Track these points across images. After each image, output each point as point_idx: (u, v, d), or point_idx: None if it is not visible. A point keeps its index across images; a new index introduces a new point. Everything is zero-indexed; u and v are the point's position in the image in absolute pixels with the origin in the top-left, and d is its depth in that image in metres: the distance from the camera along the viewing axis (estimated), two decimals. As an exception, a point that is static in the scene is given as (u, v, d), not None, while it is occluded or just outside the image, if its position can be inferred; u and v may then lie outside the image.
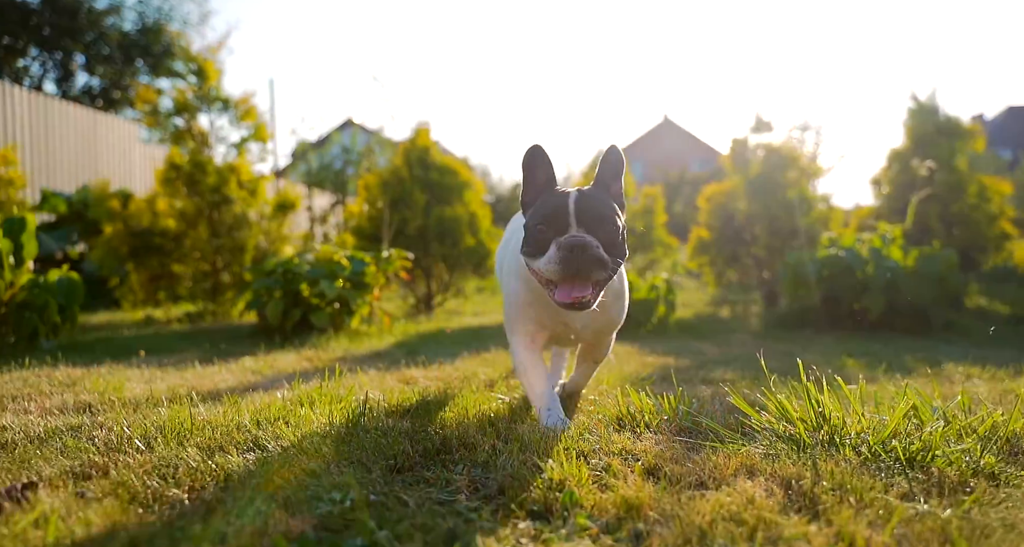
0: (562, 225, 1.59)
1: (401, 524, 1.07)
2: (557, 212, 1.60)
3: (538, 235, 1.62)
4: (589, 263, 1.54)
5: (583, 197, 1.63)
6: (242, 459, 1.43)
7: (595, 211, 1.60)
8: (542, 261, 1.59)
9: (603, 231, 1.60)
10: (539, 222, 1.62)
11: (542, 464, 1.35)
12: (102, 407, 2.04)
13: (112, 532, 1.03)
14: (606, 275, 1.58)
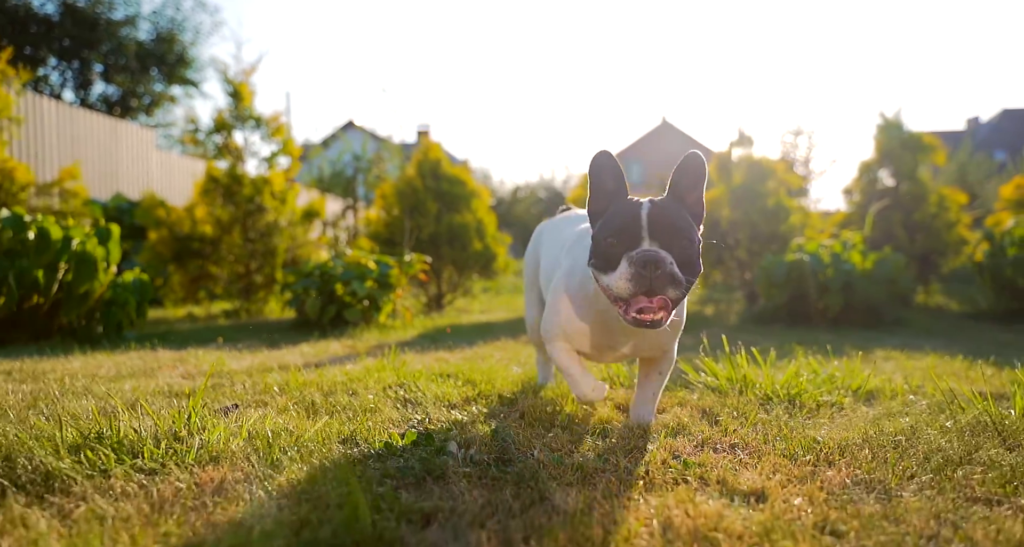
0: (634, 239, 1.51)
1: (470, 433, 1.81)
2: (629, 224, 1.52)
3: (608, 248, 1.54)
4: (662, 281, 1.46)
5: (657, 208, 1.55)
6: (348, 399, 2.16)
7: (670, 224, 1.52)
8: (612, 277, 1.52)
9: (677, 246, 1.52)
10: (609, 235, 1.55)
11: (547, 401, 2.09)
12: (221, 374, 2.78)
13: (286, 429, 1.76)
14: (679, 294, 1.50)
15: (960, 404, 2.05)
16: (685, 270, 1.51)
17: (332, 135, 36.43)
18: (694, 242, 1.55)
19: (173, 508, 1.18)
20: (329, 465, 1.42)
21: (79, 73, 19.10)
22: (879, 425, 1.81)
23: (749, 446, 1.64)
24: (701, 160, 1.62)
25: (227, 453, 1.49)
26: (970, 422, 1.82)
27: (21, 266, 4.03)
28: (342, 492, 1.24)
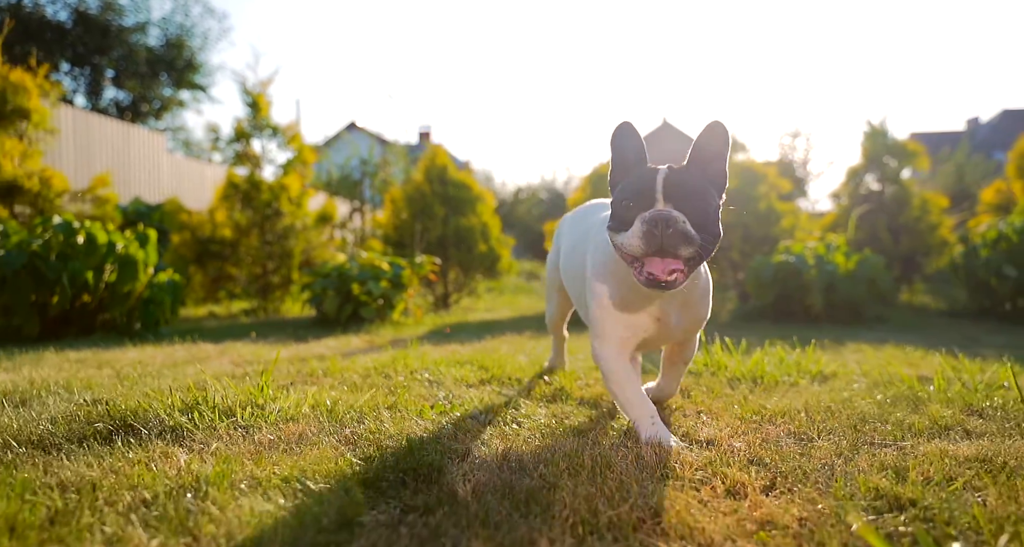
0: (649, 201, 1.54)
1: (487, 404, 2.22)
2: (644, 187, 1.55)
3: (624, 211, 1.57)
4: (675, 238, 1.48)
5: (673, 173, 1.57)
6: (383, 379, 2.57)
7: (685, 186, 1.54)
8: (625, 236, 1.55)
9: (691, 206, 1.52)
10: (626, 197, 1.57)
11: (551, 380, 2.50)
12: (267, 361, 3.18)
13: (341, 399, 2.17)
14: (694, 251, 1.51)
15: (895, 383, 2.46)
16: (700, 230, 1.51)
17: (335, 136, 36.88)
18: (710, 204, 1.55)
19: (272, 450, 1.59)
20: (383, 422, 1.84)
21: (91, 78, 19.55)
22: (820, 397, 2.22)
23: (712, 412, 2.05)
24: (724, 129, 1.60)
25: (300, 415, 1.90)
26: (895, 395, 2.23)
27: (74, 268, 4.45)
28: (398, 438, 1.65)
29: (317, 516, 1.16)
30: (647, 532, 1.13)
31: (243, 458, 1.49)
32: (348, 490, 1.29)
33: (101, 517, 1.14)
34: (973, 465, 1.46)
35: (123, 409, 1.84)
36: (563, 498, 1.24)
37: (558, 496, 1.26)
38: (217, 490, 1.27)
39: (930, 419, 1.89)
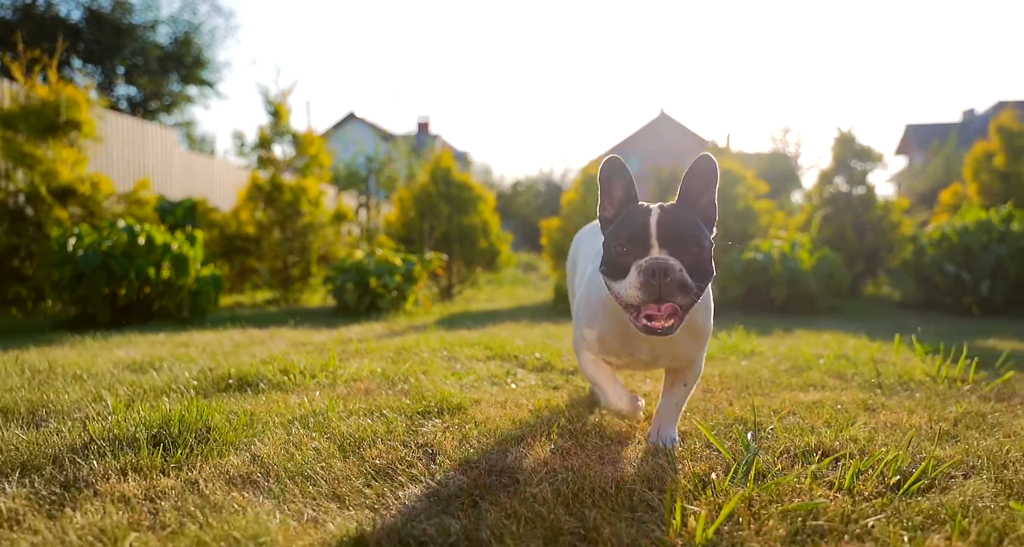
0: (643, 246, 1.53)
1: (492, 371, 3.03)
2: (638, 232, 1.54)
3: (618, 257, 1.57)
4: (672, 289, 1.48)
5: (666, 215, 1.56)
6: (412, 355, 3.37)
7: (679, 230, 1.54)
8: (622, 285, 1.55)
9: (687, 253, 1.53)
10: (619, 243, 1.57)
11: (537, 354, 3.31)
12: (313, 343, 3.98)
13: (386, 368, 2.96)
14: (690, 300, 1.52)
15: (798, 358, 3.27)
16: (696, 276, 1.52)
17: (334, 126, 37.46)
18: (704, 247, 1.55)
19: (351, 397, 2.39)
20: (422, 381, 2.64)
21: (103, 76, 20.24)
22: (736, 368, 3.03)
23: (655, 377, 2.86)
24: (712, 163, 1.61)
25: (361, 377, 2.71)
26: (790, 366, 3.05)
27: (138, 265, 5.24)
28: (434, 391, 2.46)
29: (394, 427, 1.96)
30: (584, 435, 1.94)
31: (337, 400, 2.30)
32: (410, 416, 2.10)
33: (272, 427, 1.95)
34: (808, 406, 2.27)
35: (242, 372, 2.65)
36: (539, 420, 2.05)
37: (537, 418, 2.07)
38: (332, 414, 2.08)
39: (803, 380, 2.70)
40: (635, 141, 44.86)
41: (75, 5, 18.98)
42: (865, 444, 1.78)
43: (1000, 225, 6.85)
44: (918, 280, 7.45)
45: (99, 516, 1.28)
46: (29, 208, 6.65)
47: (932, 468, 1.57)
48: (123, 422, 1.90)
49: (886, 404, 2.30)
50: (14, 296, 6.45)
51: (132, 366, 3.00)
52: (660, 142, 44.17)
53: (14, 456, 1.62)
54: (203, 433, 1.82)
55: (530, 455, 1.72)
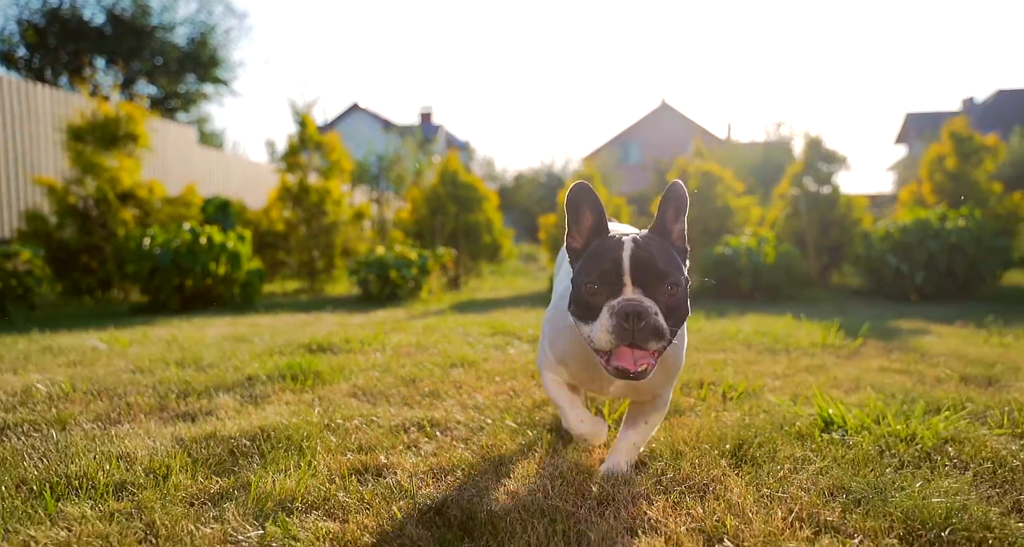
0: (615, 285, 1.41)
1: (498, 342, 4.11)
2: (609, 269, 1.42)
3: (588, 296, 1.44)
4: (645, 334, 1.37)
5: (640, 250, 1.44)
6: (436, 331, 4.45)
7: (654, 267, 1.42)
8: (593, 328, 1.42)
9: (662, 292, 1.41)
10: (589, 280, 1.44)
11: (530, 330, 4.40)
12: (352, 324, 5.05)
13: (420, 340, 4.04)
14: (663, 345, 1.40)
15: (724, 333, 4.34)
16: (671, 318, 1.43)
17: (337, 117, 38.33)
18: (680, 285, 1.45)
19: (398, 356, 3.46)
20: (448, 348, 3.72)
21: (125, 76, 21.25)
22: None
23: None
24: (682, 190, 1.55)
25: (403, 346, 3.79)
26: (719, 338, 4.11)
27: (202, 261, 6.32)
28: (456, 353, 3.53)
29: (433, 371, 3.04)
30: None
31: (391, 357, 3.38)
32: (442, 367, 3.18)
33: (355, 372, 3.02)
34: (711, 362, 3.34)
35: (318, 340, 3.73)
36: (527, 371, 3.13)
37: (525, 370, 3.15)
38: (392, 365, 3.16)
39: (724, 348, 3.79)
40: (636, 131, 45.18)
41: (98, 9, 20.00)
42: (729, 379, 2.85)
43: (936, 224, 7.89)
44: (867, 271, 8.51)
45: (283, 408, 2.37)
46: (95, 210, 7.72)
47: (753, 387, 2.66)
48: (260, 368, 2.98)
49: (762, 360, 3.38)
50: (87, 286, 7.55)
51: (232, 338, 4.09)
52: (661, 132, 44.29)
53: (215, 383, 2.71)
54: (315, 374, 2.90)
55: (520, 389, 2.80)
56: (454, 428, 2.15)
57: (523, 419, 2.25)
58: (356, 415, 2.26)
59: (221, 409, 2.35)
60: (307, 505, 1.51)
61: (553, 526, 1.39)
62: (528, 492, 1.59)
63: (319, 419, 2.19)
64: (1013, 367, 3.10)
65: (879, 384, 2.72)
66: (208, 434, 2.01)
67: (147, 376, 2.86)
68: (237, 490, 1.59)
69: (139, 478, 1.65)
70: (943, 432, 1.97)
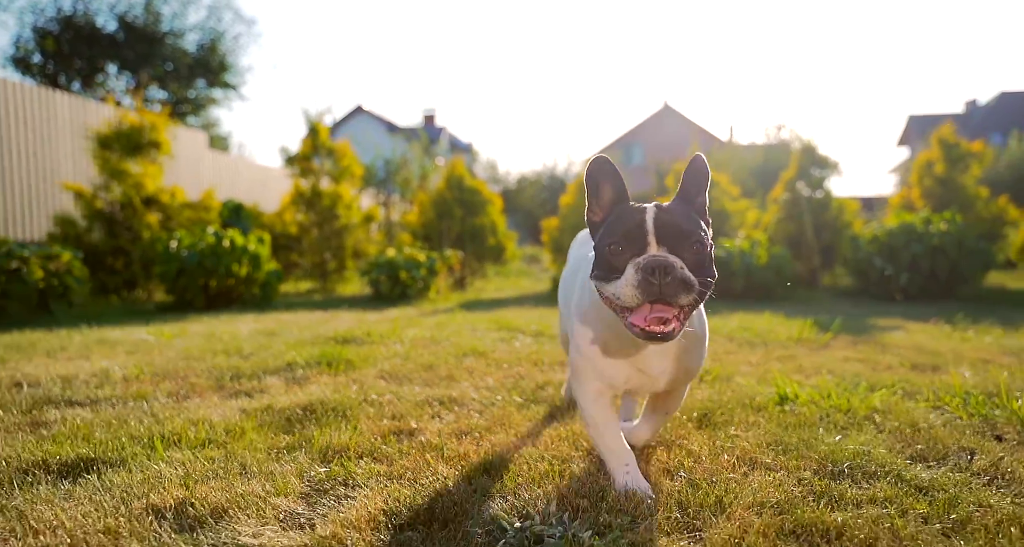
0: (640, 244, 1.41)
1: (504, 335, 4.52)
2: (633, 229, 1.43)
3: (611, 256, 1.44)
4: (674, 287, 1.34)
5: (663, 212, 1.45)
6: (448, 328, 4.86)
7: (678, 227, 1.42)
8: (617, 285, 1.40)
9: (688, 250, 1.41)
10: (612, 241, 1.44)
11: (534, 326, 4.81)
12: (370, 321, 5.46)
13: (434, 333, 4.45)
14: (693, 299, 1.38)
15: (721, 330, 4.74)
16: (697, 274, 1.40)
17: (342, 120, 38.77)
18: (706, 245, 1.45)
19: (416, 347, 3.88)
20: (460, 340, 4.14)
21: (136, 82, 21.74)
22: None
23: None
24: (704, 164, 1.56)
25: (419, 338, 4.20)
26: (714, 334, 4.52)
27: (225, 263, 6.75)
28: (468, 345, 3.95)
29: (448, 360, 3.45)
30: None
31: (410, 348, 3.79)
32: (455, 356, 3.59)
33: (380, 360, 3.44)
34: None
35: (342, 334, 4.15)
36: (530, 359, 3.55)
37: (528, 358, 3.56)
38: (411, 354, 3.57)
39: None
40: (639, 133, 45.31)
41: (111, 16, 20.51)
42: (706, 365, 3.26)
43: (920, 227, 8.29)
44: (856, 272, 8.91)
45: (324, 387, 2.78)
46: (120, 214, 8.16)
47: (727, 372, 3.06)
48: (297, 356, 3.39)
49: (741, 351, 3.78)
50: (113, 286, 7.98)
51: (263, 332, 4.51)
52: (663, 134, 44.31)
53: (260, 368, 3.13)
54: (346, 361, 3.32)
55: (525, 374, 3.21)
56: (469, 403, 2.56)
57: (528, 396, 2.66)
58: (386, 392, 2.68)
59: (271, 388, 2.77)
60: (359, 454, 1.92)
61: (551, 465, 1.80)
62: (532, 445, 2.00)
63: (356, 395, 2.61)
64: (959, 357, 3.50)
65: (837, 370, 3.13)
66: (265, 406, 2.43)
67: (199, 362, 3.28)
68: (302, 444, 2.01)
69: (221, 436, 2.07)
70: (876, 405, 2.38)
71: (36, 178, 9.22)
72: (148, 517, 1.45)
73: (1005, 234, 10.57)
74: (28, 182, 8.97)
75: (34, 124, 9.21)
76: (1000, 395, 2.46)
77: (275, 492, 1.61)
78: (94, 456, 1.84)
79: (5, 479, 1.68)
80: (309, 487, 1.67)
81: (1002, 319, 5.71)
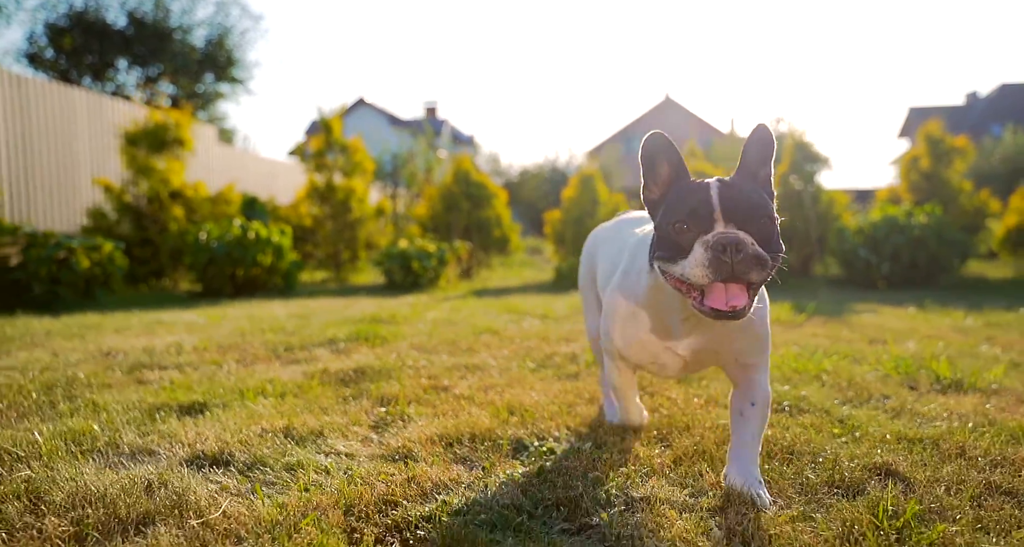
0: (706, 222, 1.37)
1: (513, 317, 5.04)
2: (699, 207, 1.38)
3: (677, 235, 1.40)
4: (745, 265, 1.32)
5: (728, 187, 1.41)
6: (461, 312, 5.37)
7: (745, 202, 1.38)
8: (686, 265, 1.37)
9: (756, 225, 1.37)
10: (677, 219, 1.40)
11: (539, 310, 5.32)
12: (391, 306, 5.97)
13: (452, 314, 4.96)
14: (764, 277, 1.36)
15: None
16: (768, 249, 1.36)
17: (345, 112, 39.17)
18: (773, 219, 1.41)
19: (437, 327, 4.38)
20: (475, 321, 4.65)
21: (146, 77, 22.20)
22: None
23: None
24: (769, 133, 1.48)
25: (437, 319, 4.71)
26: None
27: (251, 253, 7.25)
28: (483, 325, 4.46)
29: (467, 336, 3.97)
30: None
31: (432, 327, 4.30)
32: (472, 334, 4.10)
33: (408, 336, 3.95)
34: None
35: (369, 315, 4.66)
36: (541, 338, 4.06)
37: (538, 336, 4.07)
38: (433, 332, 4.08)
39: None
40: (640, 125, 45.51)
41: (121, 12, 20.92)
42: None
43: (903, 220, 8.78)
44: (842, 262, 9.41)
45: (366, 356, 3.29)
46: (147, 208, 8.65)
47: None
48: (336, 332, 3.90)
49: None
50: (143, 275, 8.49)
51: (296, 315, 5.02)
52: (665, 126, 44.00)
53: (307, 342, 3.64)
54: (380, 337, 3.83)
55: (534, 347, 3.72)
56: (489, 368, 3.07)
57: (538, 363, 3.17)
58: (420, 360, 3.19)
59: (320, 357, 3.28)
60: (408, 401, 2.43)
61: (559, 408, 2.32)
62: (543, 396, 2.51)
63: (395, 362, 3.12)
64: (912, 333, 4.01)
65: (803, 343, 3.64)
66: (322, 370, 2.94)
67: (253, 337, 3.79)
68: (361, 394, 2.52)
69: (294, 389, 2.58)
70: (826, 368, 2.89)
71: (60, 173, 9.71)
72: (266, 435, 1.96)
73: (987, 226, 11.06)
74: (55, 177, 9.45)
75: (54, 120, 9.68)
76: (927, 359, 2.98)
77: (351, 423, 2.12)
78: (204, 401, 2.35)
79: (145, 414, 2.19)
80: (375, 421, 2.18)
81: (970, 304, 6.21)
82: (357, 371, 2.91)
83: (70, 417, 2.14)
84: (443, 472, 1.68)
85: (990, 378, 2.61)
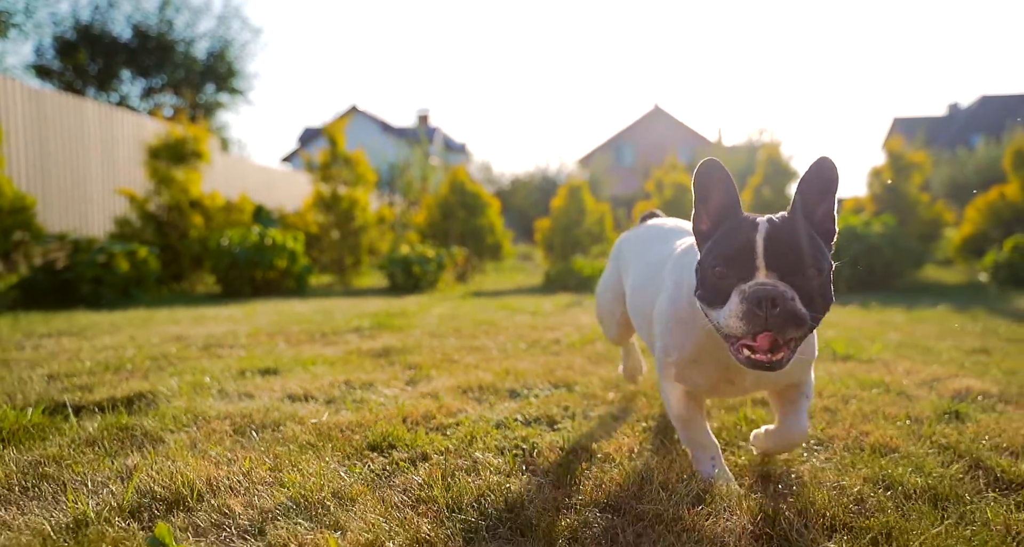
0: (747, 268, 1.31)
1: (510, 307, 5.81)
2: (740, 250, 1.33)
3: (716, 279, 1.35)
4: (781, 321, 1.26)
5: (776, 229, 1.34)
6: (463, 309, 6.13)
7: (791, 249, 1.32)
8: (721, 314, 1.33)
9: (801, 277, 1.30)
10: (718, 262, 1.35)
11: (531, 308, 6.09)
12: (399, 304, 6.72)
13: (456, 311, 5.71)
14: (803, 333, 1.30)
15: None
16: (811, 305, 1.30)
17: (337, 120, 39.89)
18: (823, 270, 1.33)
19: (444, 320, 5.14)
20: (476, 316, 5.41)
21: (149, 88, 22.91)
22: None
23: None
24: (832, 165, 1.39)
25: (443, 315, 5.47)
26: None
27: (269, 257, 8.00)
28: (484, 320, 5.22)
29: (470, 327, 4.73)
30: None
31: (440, 320, 5.07)
32: (475, 325, 4.86)
33: (420, 326, 4.71)
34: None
35: (382, 310, 5.42)
36: (534, 329, 4.84)
37: (531, 328, 4.85)
38: (440, 323, 4.85)
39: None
40: (629, 134, 46.17)
41: (126, 24, 21.65)
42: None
43: (861, 229, 9.64)
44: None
45: (390, 339, 4.05)
46: (168, 216, 9.37)
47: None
48: (359, 323, 4.65)
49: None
50: (165, 278, 9.21)
51: (318, 311, 5.76)
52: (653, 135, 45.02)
53: (336, 330, 4.40)
54: (397, 326, 4.58)
55: (526, 334, 4.48)
56: (490, 349, 3.84)
57: (530, 344, 3.94)
58: (433, 342, 3.96)
59: (351, 341, 4.04)
60: (430, 367, 3.19)
61: (547, 370, 3.09)
62: (534, 366, 3.28)
63: (414, 343, 3.89)
64: (839, 325, 4.82)
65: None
66: (354, 350, 3.69)
67: (290, 326, 4.54)
68: (392, 363, 3.28)
69: (340, 361, 3.34)
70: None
71: (74, 182, 10.40)
72: (333, 385, 2.72)
73: (944, 235, 11.96)
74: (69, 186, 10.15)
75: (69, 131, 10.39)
76: (831, 340, 3.78)
77: (391, 378, 2.89)
78: (275, 367, 3.11)
79: (235, 373, 2.94)
80: (408, 379, 2.94)
81: (909, 304, 7.04)
82: (385, 349, 3.67)
83: (181, 376, 2.89)
84: (462, 404, 2.45)
85: (872, 352, 3.41)
